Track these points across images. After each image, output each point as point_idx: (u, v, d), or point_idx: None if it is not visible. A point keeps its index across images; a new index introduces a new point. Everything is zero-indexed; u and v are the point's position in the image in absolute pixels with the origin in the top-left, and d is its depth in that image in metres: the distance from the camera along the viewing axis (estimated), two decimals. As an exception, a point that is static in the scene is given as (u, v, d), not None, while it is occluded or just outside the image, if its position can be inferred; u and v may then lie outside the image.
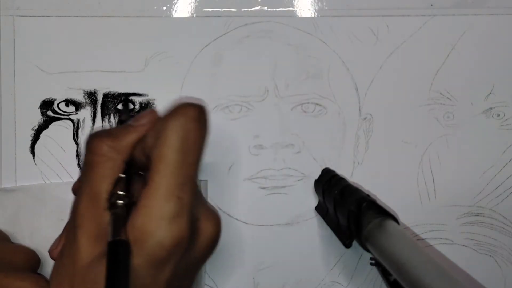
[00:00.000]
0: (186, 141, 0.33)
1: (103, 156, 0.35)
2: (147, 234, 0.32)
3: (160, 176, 0.33)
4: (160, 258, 0.33)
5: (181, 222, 0.33)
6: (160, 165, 0.33)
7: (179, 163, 0.33)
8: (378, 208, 0.41)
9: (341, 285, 0.49)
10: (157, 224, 0.32)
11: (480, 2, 0.49)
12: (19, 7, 0.47)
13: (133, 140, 0.36)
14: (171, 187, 0.33)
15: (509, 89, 0.49)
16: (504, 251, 0.49)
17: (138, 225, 0.33)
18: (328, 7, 0.49)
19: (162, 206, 0.33)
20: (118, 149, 0.35)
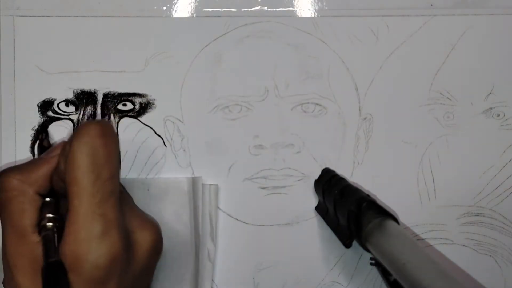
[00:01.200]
0: (95, 159, 0.33)
1: (13, 190, 0.35)
2: (80, 259, 0.32)
3: (77, 199, 0.33)
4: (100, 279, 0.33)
5: (111, 239, 0.33)
6: (74, 187, 0.33)
7: (92, 181, 0.33)
8: (378, 208, 0.41)
9: (341, 285, 0.49)
10: (87, 246, 0.32)
11: (480, 2, 0.49)
12: (19, 7, 0.47)
13: (44, 172, 0.36)
14: (91, 207, 0.33)
15: (509, 89, 0.49)
16: (504, 251, 0.49)
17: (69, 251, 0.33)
18: (328, 7, 0.49)
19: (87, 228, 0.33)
20: (29, 182, 0.35)
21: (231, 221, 0.48)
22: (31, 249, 0.34)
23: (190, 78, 0.48)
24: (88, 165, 0.33)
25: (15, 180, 0.35)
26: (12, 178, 0.35)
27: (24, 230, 0.34)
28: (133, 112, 0.48)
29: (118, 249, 0.33)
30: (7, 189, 0.35)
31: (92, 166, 0.33)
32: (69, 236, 0.33)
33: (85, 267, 0.32)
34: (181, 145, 0.48)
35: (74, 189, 0.33)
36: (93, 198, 0.33)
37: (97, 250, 0.32)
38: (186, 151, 0.48)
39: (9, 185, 0.35)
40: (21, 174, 0.35)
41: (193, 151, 0.48)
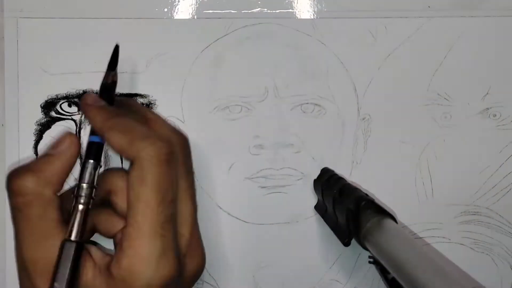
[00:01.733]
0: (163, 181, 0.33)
1: (29, 195, 0.33)
2: (135, 275, 0.32)
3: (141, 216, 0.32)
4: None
5: (168, 261, 0.33)
6: (140, 204, 0.33)
7: (159, 202, 0.33)
8: (377, 207, 0.41)
9: (340, 283, 0.49)
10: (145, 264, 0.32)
11: (477, 4, 0.49)
12: (22, 9, 0.47)
13: (58, 169, 0.34)
14: (154, 226, 0.32)
15: (505, 90, 0.50)
16: (501, 249, 0.50)
17: (125, 266, 0.32)
18: (327, 9, 0.49)
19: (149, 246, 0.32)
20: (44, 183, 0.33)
21: (231, 220, 0.49)
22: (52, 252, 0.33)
23: (191, 79, 0.48)
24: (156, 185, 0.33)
25: (29, 183, 0.33)
26: (26, 182, 0.33)
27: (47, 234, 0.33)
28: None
29: (173, 273, 0.33)
30: (22, 194, 0.33)
31: (159, 187, 0.33)
32: (129, 249, 0.32)
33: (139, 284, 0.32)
34: (182, 145, 0.48)
35: (139, 206, 0.33)
36: (157, 217, 0.33)
37: (154, 269, 0.32)
38: (187, 151, 0.48)
39: (24, 189, 0.33)
40: (35, 175, 0.33)
41: (194, 151, 0.48)
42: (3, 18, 0.47)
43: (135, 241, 0.32)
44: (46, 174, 0.34)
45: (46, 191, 0.33)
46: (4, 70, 0.47)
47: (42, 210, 0.33)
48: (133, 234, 0.33)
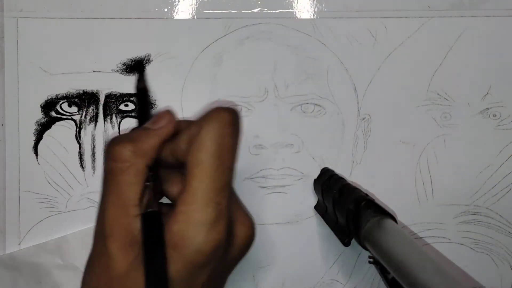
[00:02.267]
0: (222, 146, 0.33)
1: (125, 162, 0.34)
2: (187, 240, 0.32)
3: (198, 181, 0.33)
4: (199, 264, 0.33)
5: (219, 228, 0.33)
6: (197, 170, 0.33)
7: (216, 168, 0.33)
8: (376, 207, 0.41)
9: (340, 283, 0.49)
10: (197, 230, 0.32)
11: (477, 4, 0.49)
12: (22, 9, 0.48)
13: (155, 144, 0.35)
14: (209, 193, 0.33)
15: (505, 90, 0.50)
16: (501, 249, 0.50)
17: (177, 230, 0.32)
18: (327, 9, 0.49)
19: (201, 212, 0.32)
20: (141, 154, 0.34)
21: (231, 220, 0.49)
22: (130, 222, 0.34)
23: (191, 78, 0.48)
24: (215, 150, 0.33)
25: (128, 151, 0.34)
26: (126, 149, 0.34)
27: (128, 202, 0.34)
28: (135, 113, 0.48)
29: (223, 239, 0.33)
30: (120, 160, 0.34)
31: (219, 153, 0.33)
32: (181, 215, 0.33)
33: (189, 249, 0.32)
34: (182, 145, 0.48)
35: (196, 172, 0.33)
36: (213, 184, 0.33)
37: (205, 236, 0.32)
38: (187, 151, 0.48)
39: (123, 156, 0.34)
40: (134, 145, 0.34)
41: (194, 151, 0.48)
42: (3, 18, 0.47)
43: (189, 206, 0.33)
44: (144, 146, 0.35)
45: (141, 161, 0.34)
46: (4, 70, 0.47)
47: (134, 179, 0.34)
48: (188, 200, 0.33)
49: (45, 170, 0.48)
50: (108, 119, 0.48)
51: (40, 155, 0.48)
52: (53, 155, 0.48)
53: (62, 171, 0.48)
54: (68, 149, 0.48)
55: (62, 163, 0.48)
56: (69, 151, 0.48)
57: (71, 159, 0.48)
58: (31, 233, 0.48)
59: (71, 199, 0.48)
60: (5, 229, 0.48)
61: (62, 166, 0.48)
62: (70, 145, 0.48)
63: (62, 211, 0.48)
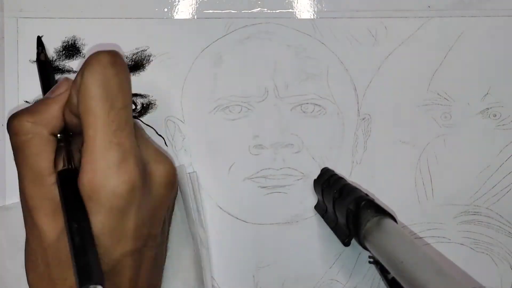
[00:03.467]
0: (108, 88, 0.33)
1: (28, 134, 0.34)
2: (99, 188, 0.32)
3: (92, 129, 0.32)
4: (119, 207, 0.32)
5: (128, 167, 0.33)
6: (90, 118, 0.32)
7: (107, 111, 0.32)
8: (376, 207, 0.41)
9: (340, 283, 0.49)
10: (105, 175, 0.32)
11: (477, 4, 0.49)
12: (22, 9, 0.48)
13: (55, 111, 0.35)
14: (107, 136, 0.32)
15: (505, 90, 0.50)
16: (501, 249, 0.50)
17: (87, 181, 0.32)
18: (327, 9, 0.49)
19: (104, 157, 0.32)
20: (42, 123, 0.35)
21: (231, 220, 0.49)
22: (48, 191, 0.34)
23: (191, 79, 0.48)
24: (101, 94, 0.32)
25: (28, 123, 0.34)
26: (25, 121, 0.34)
27: (42, 172, 0.34)
28: (135, 113, 0.48)
29: (136, 178, 0.33)
30: (21, 133, 0.34)
31: (106, 95, 0.33)
32: (86, 165, 0.33)
33: (104, 196, 0.32)
34: (182, 145, 0.48)
35: (89, 119, 0.32)
36: (108, 127, 0.32)
37: (115, 178, 0.32)
38: (187, 151, 0.48)
39: (23, 128, 0.34)
40: (33, 116, 0.35)
41: (194, 150, 0.48)
42: (3, 18, 0.47)
43: (91, 155, 0.32)
44: (43, 115, 0.35)
45: (43, 131, 0.35)
46: (4, 70, 0.47)
47: (40, 148, 0.34)
48: (89, 149, 0.33)
49: (45, 170, 0.48)
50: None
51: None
52: (53, 155, 0.48)
53: (62, 171, 0.48)
54: (68, 149, 0.48)
55: (62, 163, 0.48)
56: (69, 151, 0.48)
57: (71, 159, 0.48)
58: (31, 233, 0.48)
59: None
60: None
61: (62, 166, 0.48)
62: (70, 145, 0.48)
63: (62, 211, 0.48)
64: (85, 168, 0.33)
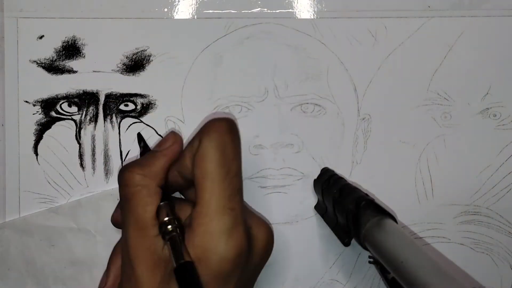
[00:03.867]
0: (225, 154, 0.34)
1: (136, 186, 0.35)
2: (210, 251, 0.33)
3: (208, 192, 0.33)
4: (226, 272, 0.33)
5: (238, 233, 0.33)
6: (206, 182, 0.33)
7: (223, 176, 0.34)
8: (376, 207, 0.41)
9: (340, 283, 0.49)
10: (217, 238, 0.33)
11: (477, 4, 0.49)
12: (22, 9, 0.48)
13: (163, 165, 0.37)
14: (222, 201, 0.33)
15: (505, 90, 0.50)
16: (501, 249, 0.50)
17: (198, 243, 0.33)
18: (327, 9, 0.49)
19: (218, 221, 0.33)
20: (150, 176, 0.36)
21: (231, 220, 0.49)
22: (151, 242, 0.34)
23: (191, 79, 0.48)
24: (219, 159, 0.34)
25: (138, 175, 0.35)
26: (135, 174, 0.35)
27: (146, 223, 0.35)
28: (135, 113, 0.48)
29: (244, 243, 0.34)
30: (131, 185, 0.35)
31: (223, 161, 0.34)
32: (199, 228, 0.33)
33: (214, 260, 0.33)
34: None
35: (205, 183, 0.33)
36: (224, 192, 0.33)
37: (226, 243, 0.33)
38: (187, 151, 0.48)
39: (133, 180, 0.35)
40: (142, 169, 0.36)
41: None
42: (3, 18, 0.47)
43: (204, 218, 0.33)
44: (152, 168, 0.36)
45: (151, 183, 0.36)
46: (4, 70, 0.47)
47: (147, 201, 0.35)
48: (202, 212, 0.33)
49: (45, 170, 0.48)
50: (108, 119, 0.48)
51: (40, 155, 0.48)
52: (53, 155, 0.48)
53: (62, 171, 0.48)
54: (68, 149, 0.48)
55: (62, 163, 0.48)
56: (69, 151, 0.48)
57: (71, 159, 0.48)
58: (31, 233, 0.48)
59: (71, 199, 0.48)
60: (5, 229, 0.48)
61: (62, 166, 0.48)
62: (70, 145, 0.48)
63: (62, 211, 0.48)
64: (198, 230, 0.33)
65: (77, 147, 0.48)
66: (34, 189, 0.48)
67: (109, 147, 0.48)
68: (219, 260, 0.33)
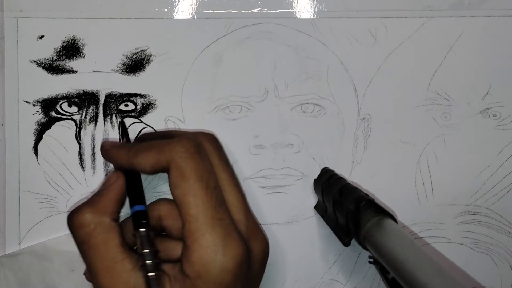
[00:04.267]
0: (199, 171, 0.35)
1: (90, 224, 0.35)
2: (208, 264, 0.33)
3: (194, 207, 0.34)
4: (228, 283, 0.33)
5: (233, 242, 0.34)
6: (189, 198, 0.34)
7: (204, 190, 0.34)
8: (376, 207, 0.41)
9: (340, 283, 0.49)
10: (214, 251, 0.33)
11: (477, 4, 0.49)
12: (22, 9, 0.48)
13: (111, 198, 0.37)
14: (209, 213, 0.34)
15: (505, 90, 0.50)
16: (501, 249, 0.50)
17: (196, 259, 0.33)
18: (327, 9, 0.49)
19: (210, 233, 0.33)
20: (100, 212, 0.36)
21: (231, 220, 0.49)
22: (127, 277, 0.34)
23: (191, 78, 0.48)
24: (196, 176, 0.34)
25: (88, 214, 0.35)
26: (84, 214, 0.35)
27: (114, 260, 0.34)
28: (135, 113, 0.48)
29: (242, 251, 0.34)
30: (84, 226, 0.35)
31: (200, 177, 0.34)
32: (193, 244, 0.33)
33: (214, 272, 0.33)
34: (182, 145, 0.48)
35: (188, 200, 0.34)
36: (209, 204, 0.34)
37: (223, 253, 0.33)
38: (187, 151, 0.48)
39: (85, 221, 0.35)
40: (91, 207, 0.36)
41: (194, 151, 0.48)
42: (3, 18, 0.47)
43: (196, 233, 0.33)
44: (101, 204, 0.36)
45: (105, 219, 0.36)
46: (4, 70, 0.47)
47: (105, 237, 0.35)
48: (193, 228, 0.34)
49: (45, 170, 0.48)
50: (108, 119, 0.48)
51: (40, 155, 0.48)
52: (53, 155, 0.48)
53: (62, 171, 0.48)
54: (68, 149, 0.48)
55: (62, 163, 0.48)
56: (69, 151, 0.48)
57: (71, 159, 0.48)
58: (31, 233, 0.48)
59: (71, 199, 0.48)
60: (5, 229, 0.48)
61: (62, 166, 0.48)
62: (70, 145, 0.48)
63: (62, 211, 0.48)
64: (192, 247, 0.33)
65: (77, 147, 0.48)
66: (34, 189, 0.48)
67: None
68: (219, 272, 0.33)
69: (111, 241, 0.35)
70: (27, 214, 0.48)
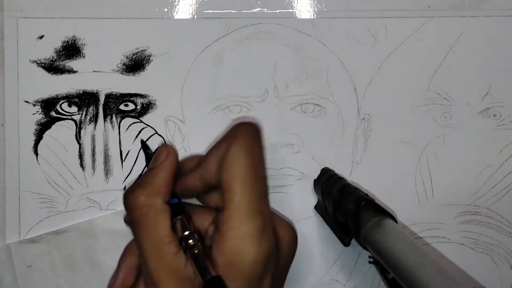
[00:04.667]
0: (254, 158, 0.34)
1: (144, 207, 0.35)
2: (241, 254, 0.32)
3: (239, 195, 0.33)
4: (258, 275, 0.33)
5: (268, 234, 0.33)
6: (236, 185, 0.33)
7: (253, 179, 0.33)
8: (376, 207, 0.41)
9: (340, 283, 0.49)
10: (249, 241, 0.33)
11: (477, 4, 0.49)
12: (22, 9, 0.48)
13: (163, 180, 0.36)
14: (252, 204, 0.33)
15: (505, 90, 0.50)
16: (501, 249, 0.50)
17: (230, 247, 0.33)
18: (327, 9, 0.49)
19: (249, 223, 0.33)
20: (154, 194, 0.36)
21: (231, 220, 0.49)
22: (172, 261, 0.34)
23: (191, 78, 0.48)
24: (248, 163, 0.34)
25: (142, 196, 0.35)
26: (139, 195, 0.35)
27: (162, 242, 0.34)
28: (135, 113, 0.48)
29: (273, 245, 0.34)
30: (138, 207, 0.35)
31: (251, 164, 0.34)
32: (230, 231, 0.33)
33: (246, 262, 0.32)
34: (182, 145, 0.48)
35: (235, 186, 0.33)
36: (254, 194, 0.33)
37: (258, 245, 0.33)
38: (187, 151, 0.48)
39: (139, 203, 0.35)
40: (144, 188, 0.36)
41: (194, 151, 0.49)
42: (3, 18, 0.47)
43: (235, 221, 0.33)
44: (153, 186, 0.36)
45: (157, 200, 0.35)
46: (4, 70, 0.48)
47: (156, 219, 0.35)
48: (233, 215, 0.33)
49: (45, 170, 0.48)
50: (108, 119, 0.48)
51: (40, 155, 0.48)
52: (53, 155, 0.48)
53: (62, 171, 0.48)
54: (68, 149, 0.48)
55: (62, 163, 0.48)
56: (69, 151, 0.48)
57: (71, 159, 0.48)
58: (31, 233, 0.48)
59: (71, 199, 0.48)
60: (5, 229, 0.48)
61: (62, 166, 0.48)
62: (70, 145, 0.48)
63: (62, 211, 0.48)
64: (228, 234, 0.33)
65: (77, 147, 0.48)
66: (34, 189, 0.48)
67: (109, 147, 0.48)
68: (251, 263, 0.32)
69: (161, 224, 0.35)
70: (27, 214, 0.48)
